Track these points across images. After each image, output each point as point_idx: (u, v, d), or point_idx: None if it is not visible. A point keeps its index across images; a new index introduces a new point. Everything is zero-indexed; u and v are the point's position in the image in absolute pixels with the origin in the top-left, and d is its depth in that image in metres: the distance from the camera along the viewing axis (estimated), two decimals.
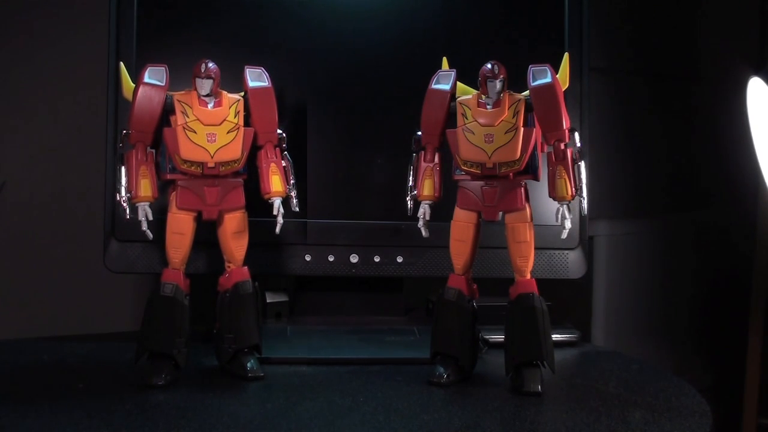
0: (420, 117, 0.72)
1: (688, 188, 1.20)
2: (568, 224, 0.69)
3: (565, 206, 0.69)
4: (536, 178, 0.71)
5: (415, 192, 0.72)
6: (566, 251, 0.88)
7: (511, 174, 0.69)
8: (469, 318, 0.72)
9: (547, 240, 0.85)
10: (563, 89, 0.70)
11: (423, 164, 0.72)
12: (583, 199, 0.70)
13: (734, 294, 1.20)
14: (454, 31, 0.90)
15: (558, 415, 0.65)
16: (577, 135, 0.69)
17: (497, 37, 0.91)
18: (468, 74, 0.73)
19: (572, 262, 0.88)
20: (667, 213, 1.17)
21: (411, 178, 0.73)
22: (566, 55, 0.72)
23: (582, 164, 0.69)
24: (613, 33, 1.09)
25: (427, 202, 0.72)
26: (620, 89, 1.11)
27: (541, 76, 0.69)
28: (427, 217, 0.73)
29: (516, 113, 0.69)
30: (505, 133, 0.69)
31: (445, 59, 0.75)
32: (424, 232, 0.73)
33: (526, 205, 0.70)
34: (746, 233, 1.18)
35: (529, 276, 0.70)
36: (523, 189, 0.70)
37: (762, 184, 0.98)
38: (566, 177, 0.68)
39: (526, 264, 0.70)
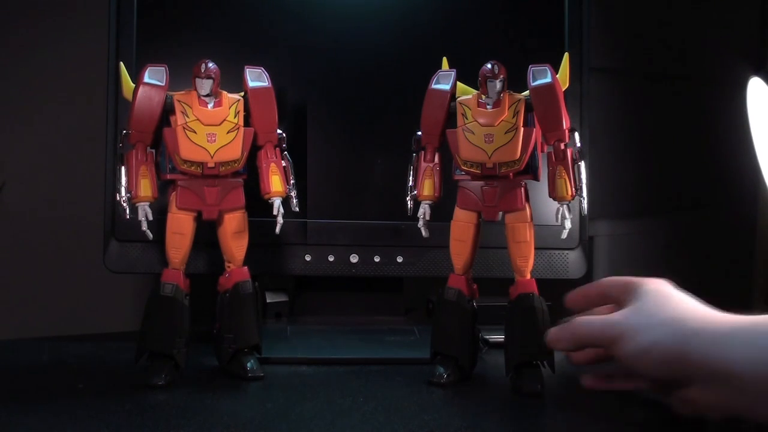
0: (420, 117, 0.72)
1: (688, 188, 1.20)
2: (568, 224, 0.69)
3: (565, 206, 0.69)
4: (536, 178, 0.71)
5: (415, 192, 0.72)
6: (566, 251, 0.88)
7: (511, 174, 0.69)
8: (469, 318, 0.72)
9: (547, 240, 0.85)
10: (563, 89, 0.70)
11: (423, 164, 0.72)
12: (583, 199, 0.70)
13: (734, 294, 1.20)
14: (454, 31, 0.90)
15: (558, 415, 0.65)
16: (577, 135, 0.69)
17: (497, 37, 0.91)
18: (468, 74, 0.73)
19: (572, 262, 0.88)
20: (667, 213, 1.17)
21: (411, 178, 0.73)
22: (566, 55, 0.72)
23: (582, 164, 0.69)
24: (613, 33, 1.09)
25: (427, 202, 0.72)
26: (620, 89, 1.11)
27: (541, 76, 0.69)
28: (427, 217, 0.73)
29: (516, 113, 0.69)
30: (505, 133, 0.69)
31: (445, 59, 0.75)
32: (424, 232, 0.73)
33: (526, 205, 0.70)
34: (746, 233, 1.18)
35: (529, 276, 0.70)
36: (523, 189, 0.70)
37: (762, 185, 0.98)
38: (566, 177, 0.68)
39: (526, 264, 0.70)
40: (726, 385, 0.54)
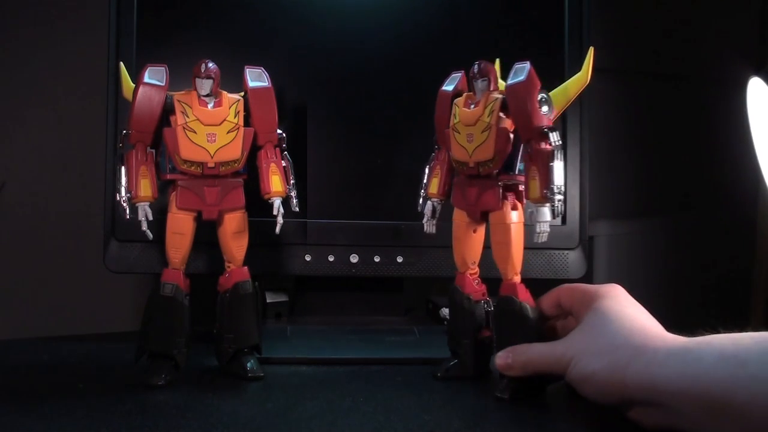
0: (420, 116, 0.72)
1: (687, 188, 1.20)
2: (540, 227, 0.66)
3: (536, 208, 0.66)
4: (518, 178, 0.69)
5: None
6: (566, 251, 0.88)
7: (491, 173, 0.68)
8: (469, 316, 0.71)
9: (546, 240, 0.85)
10: (585, 85, 0.68)
11: (435, 163, 0.73)
12: (557, 200, 0.64)
13: (734, 294, 1.20)
14: (455, 30, 0.90)
15: (558, 415, 0.65)
16: (556, 134, 0.64)
17: (497, 37, 0.91)
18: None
19: (572, 262, 0.88)
20: (667, 213, 1.17)
21: (425, 176, 0.74)
22: (591, 50, 0.69)
23: (556, 164, 0.64)
24: (613, 33, 1.09)
25: (434, 199, 0.73)
26: (621, 89, 1.11)
27: (518, 74, 0.66)
28: (430, 215, 0.73)
29: (491, 112, 0.67)
30: (482, 132, 0.67)
31: (498, 60, 0.73)
32: (426, 228, 0.74)
33: (506, 205, 0.68)
34: (746, 233, 1.18)
35: (513, 278, 0.68)
36: (501, 188, 0.68)
37: (762, 185, 0.98)
38: (538, 178, 0.65)
39: (505, 266, 0.68)
40: (662, 409, 0.56)
